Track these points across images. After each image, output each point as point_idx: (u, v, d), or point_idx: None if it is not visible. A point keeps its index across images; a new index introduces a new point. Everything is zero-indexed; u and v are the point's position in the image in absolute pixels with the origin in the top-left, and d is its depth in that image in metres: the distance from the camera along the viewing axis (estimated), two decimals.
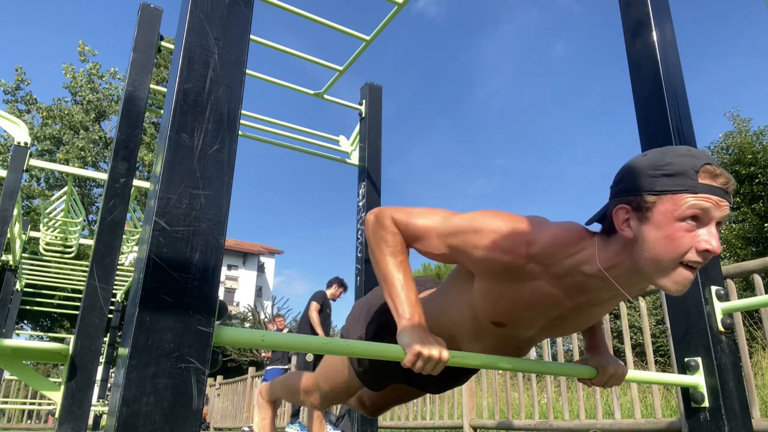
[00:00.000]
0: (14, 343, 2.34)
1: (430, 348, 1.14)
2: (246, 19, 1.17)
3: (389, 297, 1.26)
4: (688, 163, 1.08)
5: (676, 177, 1.08)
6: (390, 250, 1.28)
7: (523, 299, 1.22)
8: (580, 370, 1.40)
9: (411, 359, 1.14)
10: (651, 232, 1.09)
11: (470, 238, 1.20)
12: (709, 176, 1.07)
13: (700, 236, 1.07)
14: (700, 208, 1.06)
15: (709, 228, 1.08)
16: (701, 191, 1.07)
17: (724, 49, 61.81)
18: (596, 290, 1.21)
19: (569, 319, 1.31)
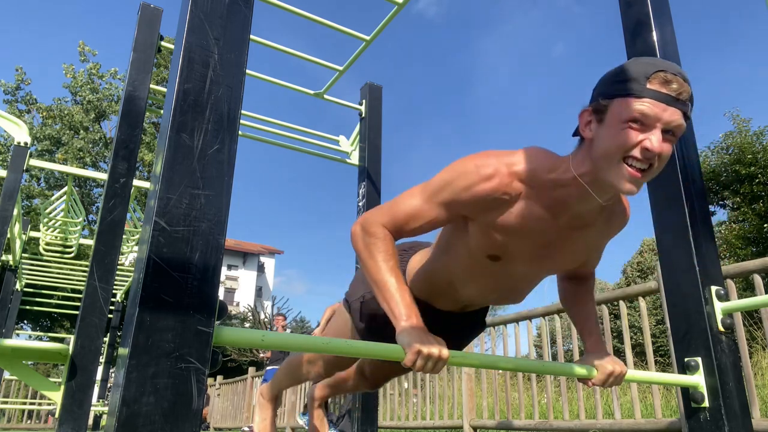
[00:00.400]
0: (14, 343, 2.34)
1: (429, 347, 1.15)
2: (246, 19, 1.17)
3: (384, 301, 1.26)
4: (642, 70, 1.16)
5: (627, 82, 1.16)
6: (381, 256, 1.28)
7: (513, 223, 1.28)
8: (579, 370, 1.40)
9: (411, 358, 1.15)
10: (603, 132, 1.19)
11: (457, 183, 1.26)
12: (659, 83, 1.14)
13: (642, 137, 1.14)
14: (641, 112, 1.13)
15: (653, 131, 1.14)
16: (647, 96, 1.13)
17: (724, 49, 61.86)
18: (576, 204, 1.27)
19: (557, 247, 1.35)
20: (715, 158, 15.12)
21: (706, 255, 1.62)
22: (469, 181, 1.25)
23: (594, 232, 1.37)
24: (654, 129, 1.14)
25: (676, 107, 1.14)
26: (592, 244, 1.42)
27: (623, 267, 24.52)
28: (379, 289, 1.27)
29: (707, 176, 14.58)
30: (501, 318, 5.04)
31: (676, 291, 1.64)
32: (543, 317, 4.53)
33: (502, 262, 1.37)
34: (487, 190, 1.24)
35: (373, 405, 2.91)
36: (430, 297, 1.58)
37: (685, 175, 1.67)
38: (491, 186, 1.24)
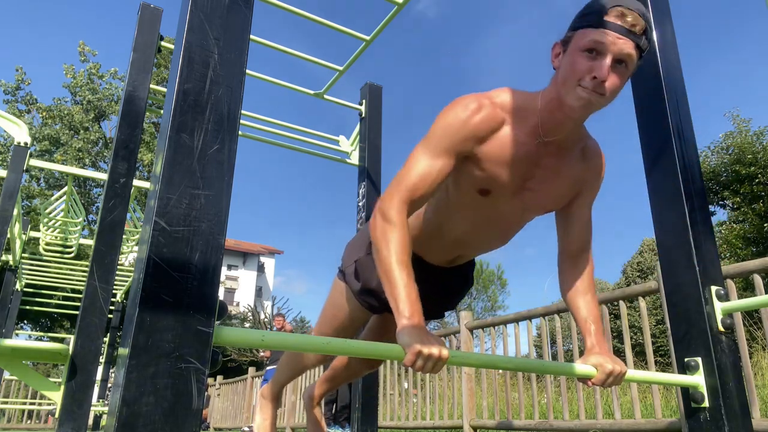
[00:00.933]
0: (14, 343, 2.34)
1: (429, 347, 1.15)
2: (246, 19, 1.17)
3: (390, 294, 1.26)
4: (602, 3, 1.27)
5: (588, 15, 1.28)
6: (394, 248, 1.29)
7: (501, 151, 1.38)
8: (579, 370, 1.40)
9: (411, 358, 1.15)
10: (564, 60, 1.32)
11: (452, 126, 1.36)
12: (615, 15, 1.25)
13: (595, 67, 1.25)
14: (594, 40, 1.25)
15: (604, 60, 1.25)
16: (602, 27, 1.25)
17: (724, 48, 61.81)
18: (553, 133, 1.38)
19: (540, 179, 1.44)
20: (715, 158, 15.12)
21: (706, 255, 1.62)
22: (461, 118, 1.35)
23: (572, 165, 1.46)
24: (604, 58, 1.25)
25: (629, 38, 1.25)
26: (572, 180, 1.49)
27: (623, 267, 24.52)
28: (388, 281, 1.27)
29: (707, 176, 14.58)
30: (501, 318, 5.04)
31: (676, 291, 1.64)
32: (543, 317, 4.53)
33: (491, 196, 1.45)
34: (479, 121, 1.35)
35: (373, 405, 2.91)
36: (420, 247, 1.63)
37: (685, 175, 1.67)
38: (481, 116, 1.35)
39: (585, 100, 1.27)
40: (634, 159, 57.11)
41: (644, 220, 48.27)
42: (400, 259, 1.28)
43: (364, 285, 1.71)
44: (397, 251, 1.28)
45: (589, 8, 1.30)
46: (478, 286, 33.62)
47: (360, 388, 2.87)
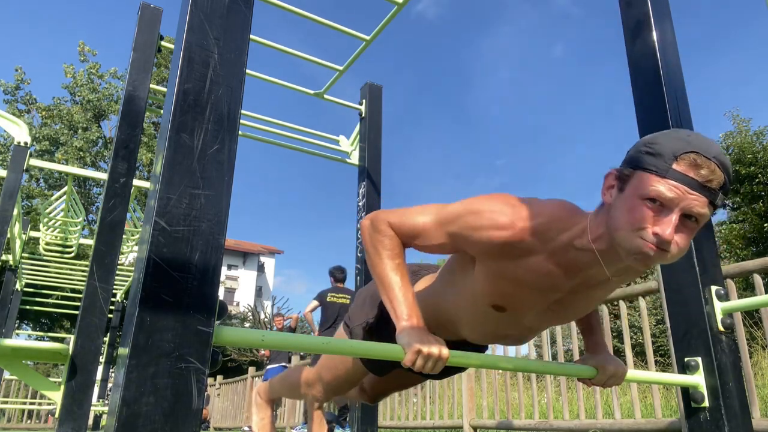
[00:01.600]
0: (14, 343, 2.34)
1: (429, 346, 1.15)
2: (246, 19, 1.17)
3: (387, 299, 1.26)
4: (673, 147, 1.07)
5: (655, 157, 1.07)
6: (387, 254, 1.28)
7: (522, 277, 1.23)
8: (579, 370, 1.40)
9: (411, 358, 1.15)
10: (620, 202, 1.11)
11: (468, 220, 1.22)
12: (688, 165, 1.05)
13: (658, 221, 1.06)
14: (659, 194, 1.05)
15: (669, 215, 1.05)
16: (670, 177, 1.05)
17: (723, 48, 61.81)
18: (590, 267, 1.21)
19: (567, 304, 1.31)
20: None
21: (706, 255, 1.62)
22: (480, 222, 1.20)
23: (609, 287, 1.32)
24: (671, 214, 1.05)
25: (702, 194, 1.04)
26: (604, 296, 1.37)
27: None
28: (383, 286, 1.27)
29: None
30: None
31: (676, 291, 1.64)
32: None
33: (507, 313, 1.33)
34: (496, 238, 1.19)
35: (373, 405, 2.91)
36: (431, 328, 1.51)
37: None
38: (501, 235, 1.19)
39: (645, 255, 1.07)
40: None
41: None
42: (394, 264, 1.27)
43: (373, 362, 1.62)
44: (390, 256, 1.28)
45: (655, 147, 1.09)
46: None
47: None
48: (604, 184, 1.17)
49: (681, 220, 1.06)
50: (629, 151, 1.15)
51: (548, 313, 1.34)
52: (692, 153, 1.05)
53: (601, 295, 1.35)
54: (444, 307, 1.46)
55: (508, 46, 73.88)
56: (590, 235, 1.17)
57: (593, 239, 1.16)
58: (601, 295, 1.34)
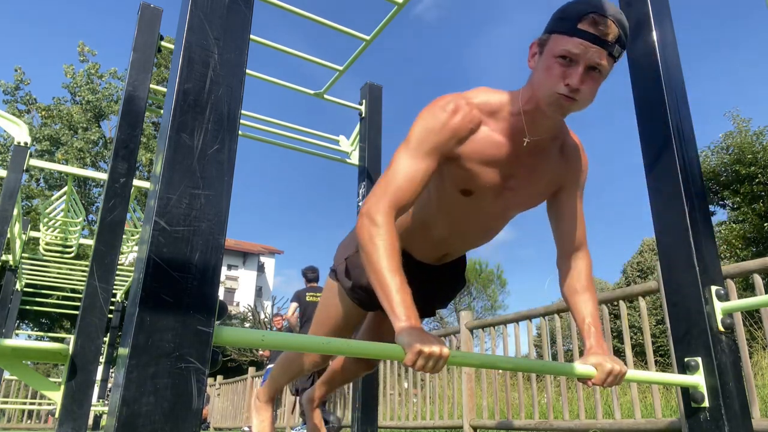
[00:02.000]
0: (14, 343, 2.34)
1: (430, 346, 1.15)
2: (246, 19, 1.17)
3: (384, 299, 1.25)
4: (577, 10, 1.29)
5: (563, 20, 1.30)
6: (384, 252, 1.28)
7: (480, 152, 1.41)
8: (579, 370, 1.40)
9: (412, 358, 1.14)
10: (540, 64, 1.34)
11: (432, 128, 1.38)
12: (588, 23, 1.26)
13: (568, 75, 1.28)
14: (567, 50, 1.27)
15: (577, 68, 1.28)
16: (575, 35, 1.27)
17: (724, 49, 61.81)
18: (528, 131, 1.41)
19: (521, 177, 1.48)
20: (715, 158, 15.12)
21: (706, 255, 1.62)
22: (441, 120, 1.37)
23: (550, 163, 1.50)
24: (578, 66, 1.28)
25: (602, 47, 1.27)
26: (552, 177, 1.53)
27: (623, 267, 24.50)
28: (380, 286, 1.27)
29: (707, 176, 14.57)
30: (501, 318, 5.04)
31: (676, 291, 1.64)
32: (543, 317, 4.53)
33: (473, 197, 1.48)
34: (458, 122, 1.38)
35: (373, 405, 2.91)
36: (407, 243, 1.65)
37: (685, 175, 1.67)
38: (459, 117, 1.38)
39: (559, 105, 1.31)
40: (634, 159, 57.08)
41: (644, 220, 48.27)
42: (391, 264, 1.27)
43: (355, 282, 1.73)
44: (387, 255, 1.28)
45: (564, 12, 1.32)
46: (478, 286, 33.61)
47: (360, 388, 2.87)
48: (529, 54, 1.39)
49: (587, 71, 1.29)
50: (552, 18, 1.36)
51: (507, 193, 1.50)
52: (592, 13, 1.27)
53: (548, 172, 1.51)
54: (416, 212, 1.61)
55: (508, 46, 73.97)
56: (521, 100, 1.40)
57: (523, 103, 1.39)
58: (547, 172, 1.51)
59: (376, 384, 3.00)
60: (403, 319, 1.21)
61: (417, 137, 1.38)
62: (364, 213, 1.34)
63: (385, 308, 1.26)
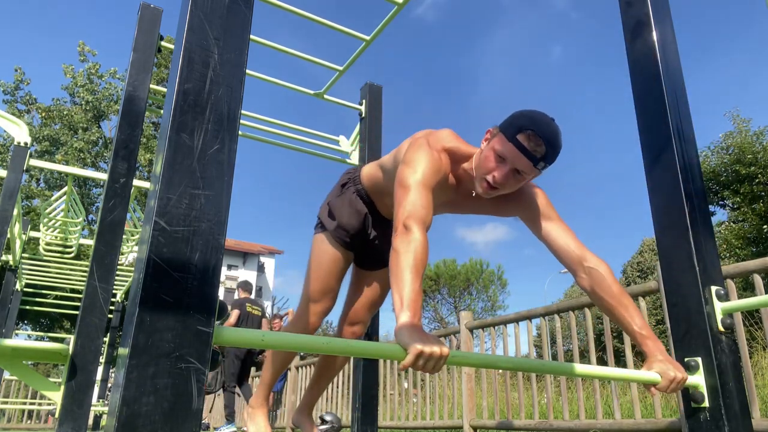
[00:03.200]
0: (14, 343, 2.34)
1: (431, 346, 1.15)
2: (246, 19, 1.17)
3: (396, 292, 1.31)
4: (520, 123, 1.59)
5: (510, 126, 1.61)
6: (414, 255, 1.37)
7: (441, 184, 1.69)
8: (644, 377, 1.45)
9: (412, 359, 1.14)
10: (485, 149, 1.67)
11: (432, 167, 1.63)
12: (524, 137, 1.57)
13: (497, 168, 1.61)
14: (501, 153, 1.60)
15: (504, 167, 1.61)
16: (512, 142, 1.58)
17: (724, 48, 61.77)
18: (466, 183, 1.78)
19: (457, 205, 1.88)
20: (715, 158, 15.11)
21: (706, 255, 1.62)
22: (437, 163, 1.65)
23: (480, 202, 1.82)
24: (505, 166, 1.60)
25: (528, 159, 1.57)
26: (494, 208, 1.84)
27: (623, 267, 24.50)
28: (397, 281, 1.32)
29: (707, 176, 14.57)
30: (501, 318, 5.04)
31: (676, 291, 1.64)
32: (543, 317, 4.53)
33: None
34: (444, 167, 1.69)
35: (373, 405, 2.90)
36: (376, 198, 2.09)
37: (685, 175, 1.67)
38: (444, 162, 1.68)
39: (483, 188, 1.65)
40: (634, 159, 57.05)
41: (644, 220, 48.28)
42: (415, 266, 1.34)
43: (338, 223, 2.08)
44: (415, 258, 1.36)
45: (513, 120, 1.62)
46: (478, 286, 33.61)
47: (360, 388, 2.87)
48: (485, 134, 1.71)
49: (512, 172, 1.61)
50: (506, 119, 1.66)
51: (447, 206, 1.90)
52: (530, 131, 1.57)
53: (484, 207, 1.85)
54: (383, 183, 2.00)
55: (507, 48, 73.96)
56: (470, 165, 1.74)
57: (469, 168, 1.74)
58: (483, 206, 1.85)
59: (376, 384, 3.00)
60: (408, 315, 1.23)
61: (421, 171, 1.59)
62: (403, 223, 1.46)
63: (394, 300, 1.30)
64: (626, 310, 1.61)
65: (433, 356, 1.15)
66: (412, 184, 1.57)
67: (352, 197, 2.10)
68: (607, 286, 1.62)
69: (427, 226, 1.50)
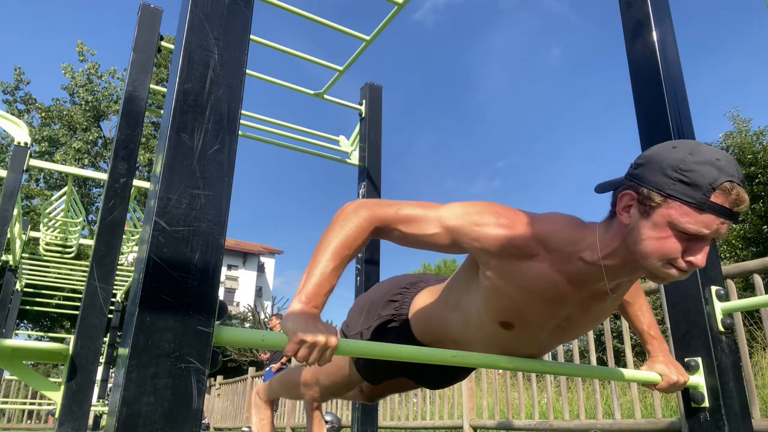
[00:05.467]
0: (14, 343, 2.34)
1: (315, 335, 1.04)
2: (246, 19, 1.17)
3: (306, 274, 1.16)
4: (708, 176, 1.05)
5: (691, 187, 1.05)
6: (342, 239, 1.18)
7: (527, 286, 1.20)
8: (644, 377, 1.46)
9: (292, 348, 1.04)
10: (646, 229, 1.10)
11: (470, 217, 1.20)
12: (723, 195, 1.05)
13: (690, 249, 1.08)
14: (698, 231, 1.06)
15: (702, 245, 1.08)
16: (708, 210, 1.05)
17: (724, 48, 61.84)
18: (595, 282, 1.20)
19: (574, 320, 1.30)
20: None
21: None
22: (483, 220, 1.19)
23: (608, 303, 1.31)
24: (704, 243, 1.08)
25: (732, 221, 1.08)
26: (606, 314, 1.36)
27: None
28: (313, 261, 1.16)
29: None
30: None
31: (676, 291, 1.64)
32: None
33: (514, 331, 1.30)
34: (498, 236, 1.17)
35: (373, 405, 2.91)
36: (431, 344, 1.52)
37: None
38: (504, 234, 1.17)
39: (668, 277, 1.12)
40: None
41: None
42: (339, 249, 1.17)
43: (366, 363, 1.61)
44: (344, 240, 1.18)
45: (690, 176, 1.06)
46: None
47: None
48: (619, 203, 1.15)
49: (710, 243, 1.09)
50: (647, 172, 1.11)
51: (558, 332, 1.32)
52: (727, 182, 1.05)
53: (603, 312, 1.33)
54: (448, 327, 1.43)
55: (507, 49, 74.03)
56: (600, 251, 1.16)
57: (603, 255, 1.16)
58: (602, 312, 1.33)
59: None
60: (303, 301, 1.11)
61: (451, 209, 1.23)
62: (359, 202, 1.26)
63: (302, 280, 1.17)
64: (640, 309, 1.58)
65: (317, 345, 1.04)
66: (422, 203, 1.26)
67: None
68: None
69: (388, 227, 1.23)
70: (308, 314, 1.09)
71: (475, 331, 1.37)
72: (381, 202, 1.27)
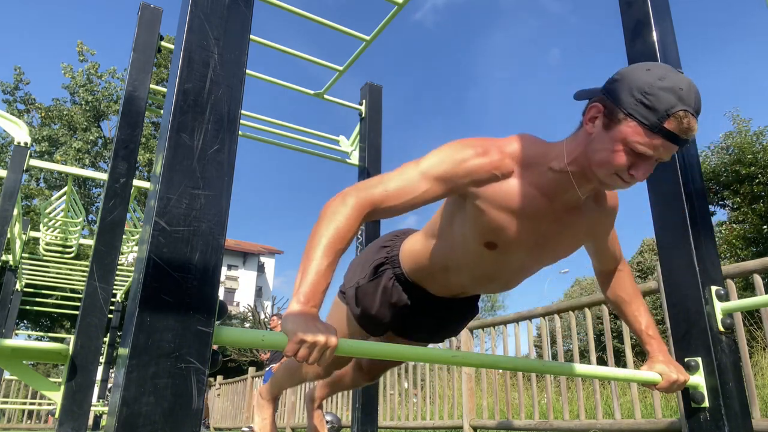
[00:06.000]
0: (14, 343, 2.34)
1: (315, 335, 1.05)
2: (246, 19, 1.17)
3: (301, 271, 1.16)
4: (667, 103, 1.14)
5: (649, 110, 1.15)
6: (332, 233, 1.19)
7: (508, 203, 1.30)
8: (644, 377, 1.46)
9: (292, 348, 1.05)
10: (605, 141, 1.21)
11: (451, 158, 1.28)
12: (675, 122, 1.14)
13: (635, 165, 1.20)
14: (645, 151, 1.17)
15: (647, 163, 1.19)
16: (659, 134, 1.15)
17: (724, 48, 61.83)
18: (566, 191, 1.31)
19: (553, 233, 1.39)
20: (715, 158, 15.11)
21: (706, 255, 1.62)
22: (463, 155, 1.28)
23: (587, 214, 1.41)
24: (649, 161, 1.19)
25: (678, 145, 1.17)
26: (588, 229, 1.45)
27: None
28: (306, 259, 1.17)
29: (707, 176, 14.56)
30: (501, 318, 5.04)
31: (676, 291, 1.64)
32: (543, 317, 4.53)
33: (498, 250, 1.38)
34: (481, 165, 1.27)
35: (373, 405, 2.91)
36: (422, 280, 1.62)
37: (685, 175, 1.67)
38: (484, 161, 1.27)
39: (613, 185, 1.25)
40: None
41: (644, 220, 48.25)
42: (331, 243, 1.18)
43: (363, 311, 1.67)
44: (335, 234, 1.18)
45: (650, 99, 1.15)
46: None
47: (360, 388, 2.87)
48: (588, 113, 1.25)
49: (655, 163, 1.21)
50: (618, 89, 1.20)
51: (537, 248, 1.41)
52: (681, 111, 1.14)
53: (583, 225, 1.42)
54: (436, 257, 1.53)
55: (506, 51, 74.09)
56: (567, 158, 1.28)
57: (569, 161, 1.28)
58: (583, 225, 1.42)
59: (376, 384, 3.01)
60: (302, 301, 1.12)
61: (431, 161, 1.29)
62: (344, 192, 1.26)
63: (296, 280, 1.18)
64: (637, 309, 1.60)
65: (317, 345, 1.05)
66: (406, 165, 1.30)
67: (387, 284, 1.65)
68: (626, 284, 1.62)
69: (380, 207, 1.25)
70: (307, 314, 1.11)
71: (461, 256, 1.46)
72: (365, 184, 1.29)
